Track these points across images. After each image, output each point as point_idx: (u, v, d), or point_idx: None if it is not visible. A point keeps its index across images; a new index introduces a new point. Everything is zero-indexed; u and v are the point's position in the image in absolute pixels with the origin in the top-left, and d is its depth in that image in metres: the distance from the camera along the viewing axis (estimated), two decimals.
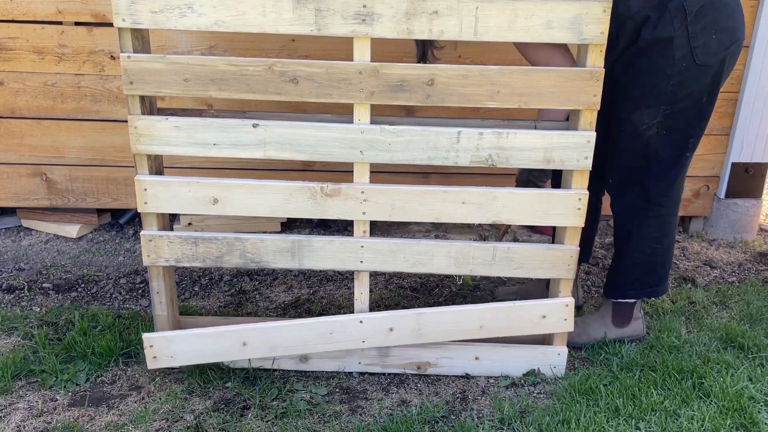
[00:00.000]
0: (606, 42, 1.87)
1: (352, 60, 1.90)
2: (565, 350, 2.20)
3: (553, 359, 2.20)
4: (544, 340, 2.26)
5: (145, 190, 2.01)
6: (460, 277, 2.73)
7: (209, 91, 1.93)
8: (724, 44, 2.03)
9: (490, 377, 2.22)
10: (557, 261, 2.09)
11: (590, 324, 2.40)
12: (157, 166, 2.07)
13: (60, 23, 2.81)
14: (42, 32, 2.81)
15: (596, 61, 1.89)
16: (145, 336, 2.09)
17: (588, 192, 2.03)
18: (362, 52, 1.90)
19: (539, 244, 2.12)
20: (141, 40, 1.94)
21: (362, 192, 2.01)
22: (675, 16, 1.98)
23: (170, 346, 2.10)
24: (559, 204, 2.03)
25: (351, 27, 1.86)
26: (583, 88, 1.91)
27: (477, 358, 2.21)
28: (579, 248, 2.09)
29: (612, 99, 2.13)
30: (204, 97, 1.95)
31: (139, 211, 2.06)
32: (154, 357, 2.10)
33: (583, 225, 2.05)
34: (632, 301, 2.36)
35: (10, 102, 2.91)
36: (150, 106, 2.01)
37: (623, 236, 2.30)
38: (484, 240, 2.65)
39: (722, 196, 3.25)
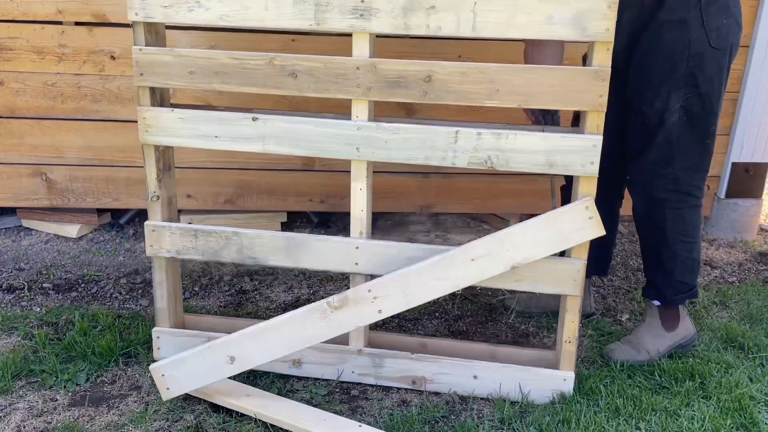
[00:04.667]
0: (613, 39, 1.80)
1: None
2: (571, 375, 2.06)
3: (559, 384, 2.08)
4: (552, 363, 2.14)
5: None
6: None
7: (213, 84, 1.97)
8: (733, 31, 2.03)
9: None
10: (563, 275, 1.97)
11: (643, 337, 2.29)
12: (165, 160, 2.10)
13: (60, 23, 2.81)
14: (42, 32, 2.81)
15: (602, 59, 1.82)
16: None
17: (594, 198, 1.92)
18: (361, 47, 1.91)
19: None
20: (155, 34, 1.99)
21: (369, 290, 1.98)
22: None
23: None
24: (570, 222, 1.92)
25: (349, 21, 1.88)
26: (589, 88, 1.83)
27: (476, 377, 2.11)
28: (585, 261, 1.97)
29: (628, 94, 2.11)
30: (207, 89, 1.99)
31: (147, 201, 2.09)
32: None
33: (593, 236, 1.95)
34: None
35: (10, 102, 2.91)
36: (161, 99, 2.06)
37: (657, 236, 2.20)
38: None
39: (722, 196, 3.25)
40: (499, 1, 1.81)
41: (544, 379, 2.08)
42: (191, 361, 1.99)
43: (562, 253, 2.00)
